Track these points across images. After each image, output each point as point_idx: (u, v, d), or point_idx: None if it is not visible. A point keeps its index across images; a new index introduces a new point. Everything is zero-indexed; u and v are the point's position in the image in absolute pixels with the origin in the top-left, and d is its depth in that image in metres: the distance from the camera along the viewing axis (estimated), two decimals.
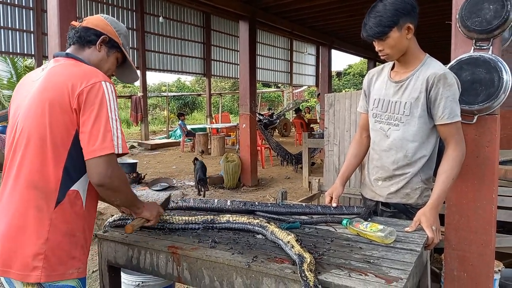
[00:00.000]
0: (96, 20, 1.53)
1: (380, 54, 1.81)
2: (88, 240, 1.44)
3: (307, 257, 1.25)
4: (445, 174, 1.71)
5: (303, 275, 1.16)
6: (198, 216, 1.71)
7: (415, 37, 1.79)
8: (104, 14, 1.90)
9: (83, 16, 1.95)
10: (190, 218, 1.70)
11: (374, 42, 1.79)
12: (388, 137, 1.88)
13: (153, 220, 1.59)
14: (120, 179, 1.35)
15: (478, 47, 1.90)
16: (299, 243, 1.35)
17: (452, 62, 1.93)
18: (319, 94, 11.88)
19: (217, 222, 1.68)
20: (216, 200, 1.94)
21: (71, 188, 1.34)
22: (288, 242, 1.37)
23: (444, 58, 2.09)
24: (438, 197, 1.70)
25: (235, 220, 1.66)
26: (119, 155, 1.34)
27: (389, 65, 1.95)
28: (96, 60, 1.50)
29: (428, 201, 1.72)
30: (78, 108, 1.30)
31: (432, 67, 1.77)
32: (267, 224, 1.56)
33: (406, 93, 1.81)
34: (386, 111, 1.89)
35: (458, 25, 1.93)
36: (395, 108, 1.85)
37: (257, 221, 1.61)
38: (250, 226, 1.62)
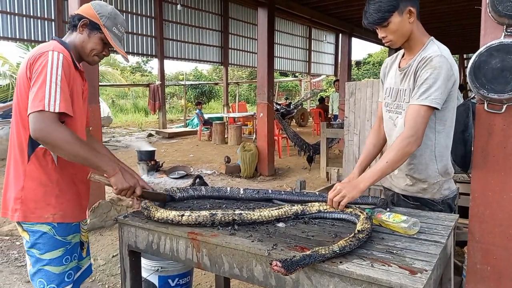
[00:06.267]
0: (83, 6, 1.72)
1: (384, 41, 1.76)
2: (65, 192, 1.64)
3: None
4: (384, 156, 1.64)
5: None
6: (287, 209, 1.61)
7: (419, 21, 1.73)
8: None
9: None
10: (279, 211, 1.59)
11: (376, 30, 1.74)
12: (395, 126, 1.85)
13: (118, 191, 1.60)
14: (57, 134, 1.44)
15: (509, 33, 1.82)
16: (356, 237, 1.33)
17: (481, 49, 1.85)
18: (336, 80, 11.39)
19: (307, 212, 1.63)
20: (228, 188, 1.93)
21: (40, 146, 1.56)
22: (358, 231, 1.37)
23: (474, 47, 2.01)
24: (364, 175, 1.66)
25: (326, 209, 1.62)
26: (63, 117, 1.50)
27: (401, 52, 1.90)
28: (79, 42, 1.67)
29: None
30: (30, 77, 1.51)
31: (429, 50, 1.71)
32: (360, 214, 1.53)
33: (407, 80, 1.77)
34: (395, 100, 1.86)
35: (488, 10, 1.85)
36: (401, 96, 1.81)
37: (350, 209, 1.58)
38: (343, 215, 1.59)
